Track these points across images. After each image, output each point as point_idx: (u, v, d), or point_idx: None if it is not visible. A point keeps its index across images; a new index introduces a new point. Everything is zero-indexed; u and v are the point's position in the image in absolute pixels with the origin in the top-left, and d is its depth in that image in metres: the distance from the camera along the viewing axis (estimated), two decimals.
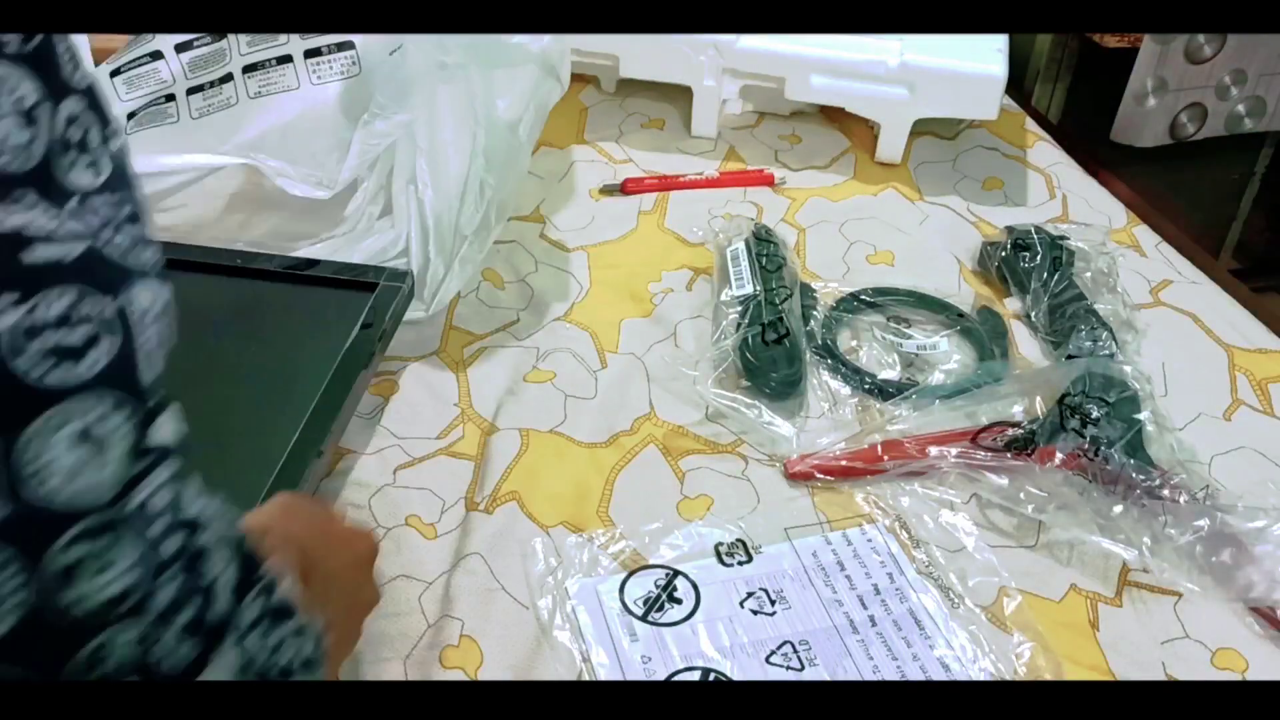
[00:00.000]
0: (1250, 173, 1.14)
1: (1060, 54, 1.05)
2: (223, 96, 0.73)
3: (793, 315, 0.70)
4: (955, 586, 0.57)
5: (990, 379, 0.67)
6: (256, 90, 0.73)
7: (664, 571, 0.57)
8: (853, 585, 0.57)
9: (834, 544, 0.59)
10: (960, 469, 0.62)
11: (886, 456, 0.62)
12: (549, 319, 0.74)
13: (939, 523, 0.60)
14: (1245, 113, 1.04)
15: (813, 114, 0.97)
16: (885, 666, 0.53)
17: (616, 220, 0.84)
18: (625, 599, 0.56)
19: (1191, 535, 0.57)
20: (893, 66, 0.85)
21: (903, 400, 0.66)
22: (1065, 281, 0.74)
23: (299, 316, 0.67)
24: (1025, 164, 0.92)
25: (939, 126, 0.95)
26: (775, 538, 0.59)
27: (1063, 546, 0.59)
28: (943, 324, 0.74)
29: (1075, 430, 0.62)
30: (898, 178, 0.90)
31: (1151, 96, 0.99)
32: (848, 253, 0.82)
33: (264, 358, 0.64)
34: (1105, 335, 0.70)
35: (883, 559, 0.58)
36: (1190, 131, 1.03)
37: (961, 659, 0.54)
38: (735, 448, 0.65)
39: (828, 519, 0.61)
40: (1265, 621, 0.56)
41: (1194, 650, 0.55)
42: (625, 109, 0.97)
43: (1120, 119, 1.01)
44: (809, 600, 0.56)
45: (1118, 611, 0.57)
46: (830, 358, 0.70)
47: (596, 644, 0.54)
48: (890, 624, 0.55)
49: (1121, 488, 0.60)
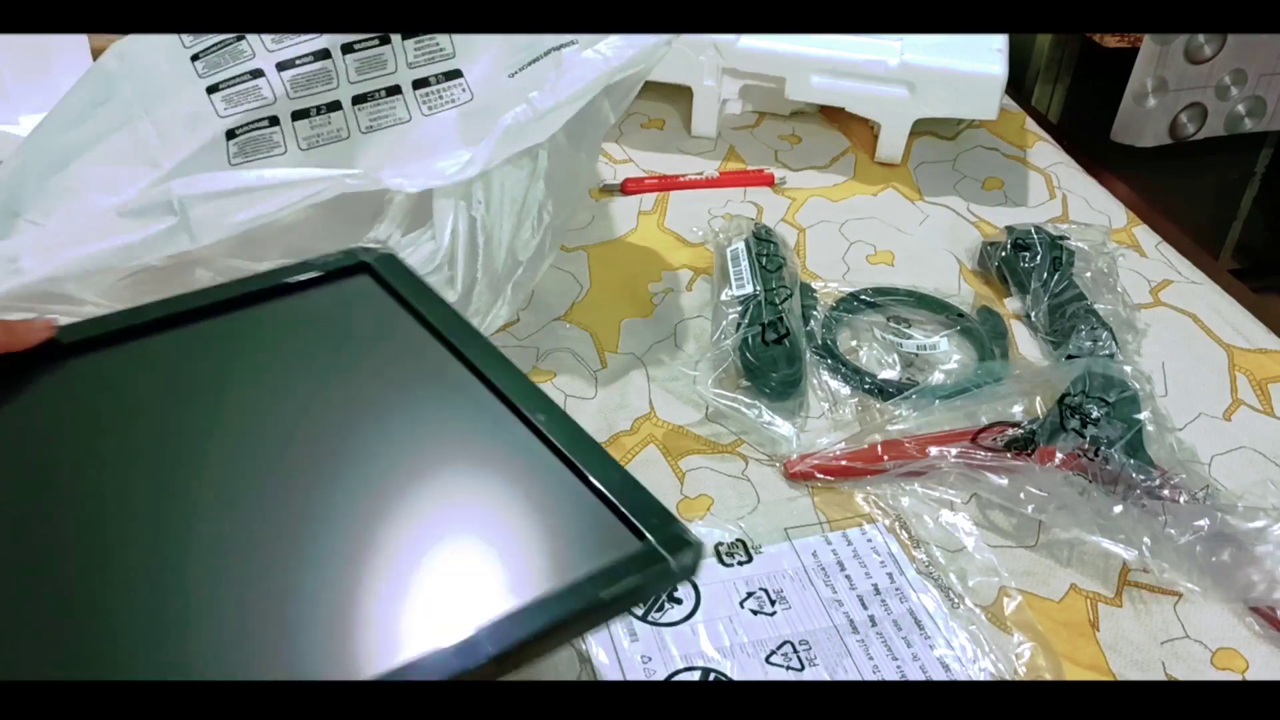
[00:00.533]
0: (1250, 173, 1.14)
1: (1060, 54, 1.05)
2: (332, 127, 0.69)
3: (793, 315, 0.70)
4: (955, 586, 0.57)
5: (990, 379, 0.67)
6: (368, 125, 0.69)
7: None
8: (853, 585, 0.57)
9: (834, 544, 0.59)
10: (960, 469, 0.62)
11: (886, 456, 0.63)
12: (549, 319, 0.74)
13: (939, 523, 0.61)
14: (1245, 113, 1.04)
15: (813, 114, 0.97)
16: (885, 666, 0.53)
17: (616, 220, 0.84)
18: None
19: (1191, 535, 0.57)
20: (893, 66, 0.85)
21: (903, 400, 0.66)
22: (1065, 281, 0.74)
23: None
24: (1025, 164, 0.92)
25: (939, 126, 0.95)
26: (775, 538, 0.59)
27: (1063, 546, 0.59)
28: (943, 324, 0.74)
29: (1075, 430, 0.62)
30: (898, 178, 0.90)
31: (1151, 96, 0.99)
32: (848, 253, 0.82)
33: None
34: (1105, 335, 0.70)
35: (883, 559, 0.58)
36: (1190, 131, 1.03)
37: (961, 659, 0.54)
38: (735, 448, 0.65)
39: (828, 519, 0.61)
40: (1265, 621, 0.56)
41: (1194, 650, 0.55)
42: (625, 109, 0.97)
43: (1120, 119, 1.01)
44: (809, 600, 0.56)
45: (1118, 611, 0.57)
46: (830, 358, 0.70)
47: (597, 645, 0.54)
48: (890, 624, 0.55)
49: (1121, 488, 0.60)
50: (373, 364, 0.51)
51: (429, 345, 0.51)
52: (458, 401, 0.49)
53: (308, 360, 0.52)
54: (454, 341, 0.51)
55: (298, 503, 0.44)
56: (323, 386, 0.50)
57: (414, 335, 0.52)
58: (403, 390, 0.50)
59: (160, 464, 0.45)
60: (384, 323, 0.53)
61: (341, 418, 0.48)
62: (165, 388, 0.49)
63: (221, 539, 0.42)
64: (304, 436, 0.47)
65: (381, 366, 0.51)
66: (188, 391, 0.49)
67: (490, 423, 0.48)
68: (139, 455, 0.45)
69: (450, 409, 0.49)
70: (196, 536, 0.42)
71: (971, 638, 0.54)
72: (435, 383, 0.50)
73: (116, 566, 0.41)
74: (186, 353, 0.51)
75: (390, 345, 0.52)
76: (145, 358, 0.50)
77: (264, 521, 0.43)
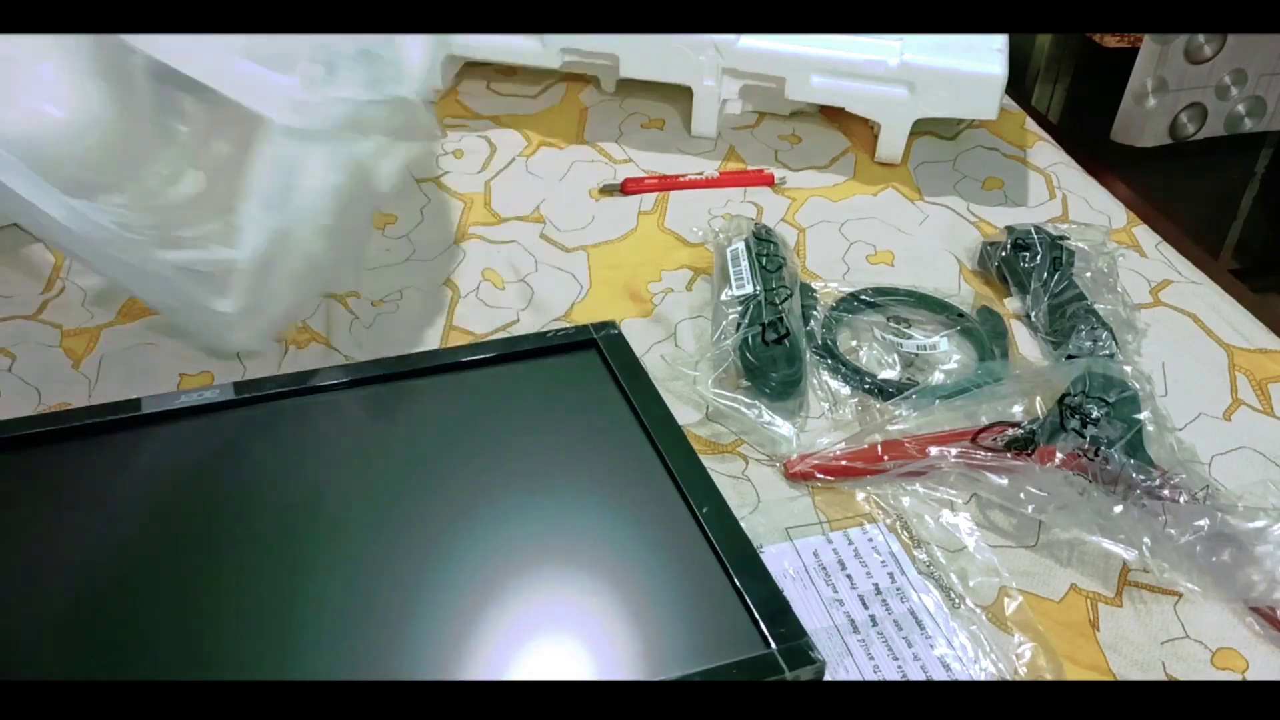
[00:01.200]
0: (1250, 173, 1.14)
1: (1060, 54, 1.05)
2: None
3: (793, 315, 0.70)
4: (956, 586, 0.57)
5: (990, 379, 0.67)
6: None
7: None
8: (854, 585, 0.57)
9: (835, 543, 0.59)
10: (960, 469, 0.62)
11: (886, 456, 0.63)
12: (549, 319, 0.74)
13: (939, 523, 0.61)
14: (1245, 113, 1.04)
15: (813, 114, 0.97)
16: (886, 666, 0.53)
17: (616, 220, 0.84)
18: None
19: (1191, 535, 0.57)
20: (893, 66, 0.85)
21: (903, 400, 0.66)
22: (1065, 281, 0.74)
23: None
24: (1025, 164, 0.93)
25: (939, 126, 0.95)
26: (776, 537, 0.60)
27: (1063, 546, 0.59)
28: (943, 324, 0.74)
29: (1075, 430, 0.62)
30: (898, 178, 0.90)
31: (1151, 96, 0.99)
32: (848, 253, 0.82)
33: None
34: (1105, 335, 0.70)
35: (884, 558, 0.58)
36: (1190, 131, 1.03)
37: (962, 659, 0.54)
38: (735, 448, 0.65)
39: (828, 519, 0.61)
40: (1265, 621, 0.56)
41: (1194, 650, 0.55)
42: (625, 109, 0.97)
43: (1120, 119, 1.01)
44: (810, 599, 0.56)
45: (1118, 611, 0.57)
46: (830, 358, 0.70)
47: None
48: (891, 624, 0.55)
49: (1121, 488, 0.60)
50: (573, 431, 0.58)
51: (628, 424, 0.58)
52: (638, 481, 0.55)
53: (519, 420, 0.59)
54: (649, 424, 0.58)
55: (464, 546, 0.51)
56: (523, 445, 0.57)
57: (617, 411, 0.59)
58: (591, 458, 0.57)
59: (369, 498, 0.53)
60: (594, 396, 0.60)
61: (531, 474, 0.55)
62: (404, 430, 0.58)
63: (394, 575, 0.49)
64: (495, 485, 0.54)
65: (580, 434, 0.58)
66: (414, 437, 0.58)
67: (660, 506, 0.54)
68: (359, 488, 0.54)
69: (629, 486, 0.55)
70: (381, 565, 0.50)
71: (972, 638, 0.54)
72: (623, 459, 0.57)
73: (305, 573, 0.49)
74: (423, 400, 0.60)
75: (594, 418, 0.59)
76: (385, 400, 0.60)
77: (431, 559, 0.50)
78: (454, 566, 0.50)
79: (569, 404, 0.60)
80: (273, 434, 0.57)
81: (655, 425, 0.57)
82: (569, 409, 0.60)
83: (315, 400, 0.59)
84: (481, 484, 0.54)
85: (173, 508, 0.52)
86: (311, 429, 0.57)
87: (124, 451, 0.55)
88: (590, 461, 0.56)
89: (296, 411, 0.58)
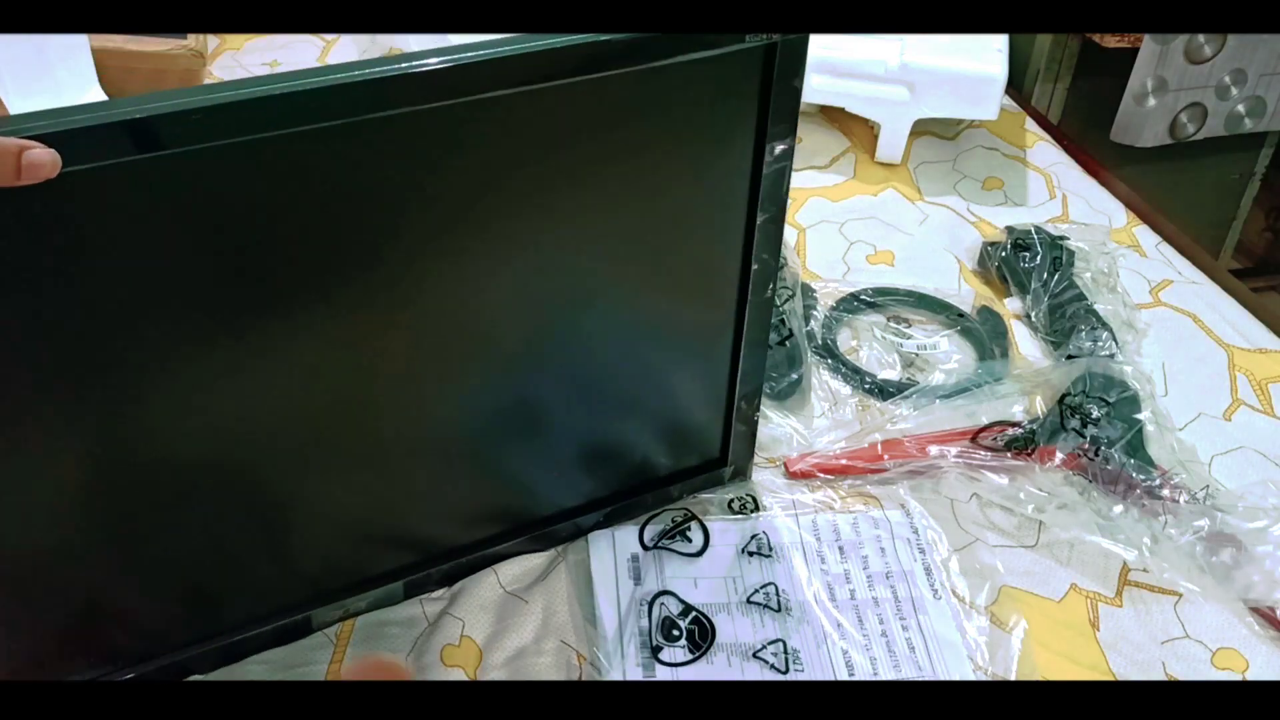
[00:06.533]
0: (1250, 173, 1.14)
1: (1060, 54, 1.05)
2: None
3: (793, 315, 0.70)
4: (955, 586, 0.57)
5: (990, 379, 0.67)
6: None
7: (682, 512, 0.61)
8: (843, 557, 0.57)
9: (838, 523, 0.59)
10: (960, 469, 0.62)
11: (887, 456, 0.63)
12: None
13: (939, 522, 0.61)
14: (1245, 113, 1.04)
15: (813, 114, 0.97)
16: (884, 665, 0.53)
17: None
18: (644, 536, 0.59)
19: (1191, 535, 0.57)
20: (893, 66, 0.86)
21: (903, 400, 0.66)
22: (1065, 281, 0.74)
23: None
24: (1025, 164, 0.92)
25: (939, 126, 0.95)
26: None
27: (1063, 546, 0.59)
28: (943, 324, 0.74)
29: (1075, 430, 0.62)
30: (898, 178, 0.90)
31: (1151, 96, 0.99)
32: (848, 253, 0.82)
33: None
34: (1105, 335, 0.70)
35: (884, 546, 0.59)
36: (1190, 131, 1.03)
37: (960, 657, 0.54)
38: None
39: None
40: (1265, 621, 0.56)
41: (1194, 650, 0.55)
42: None
43: (1120, 119, 1.01)
44: (797, 561, 0.57)
45: (1118, 611, 0.57)
46: (830, 358, 0.70)
47: (594, 554, 0.58)
48: (890, 606, 0.55)
49: (1121, 488, 0.60)
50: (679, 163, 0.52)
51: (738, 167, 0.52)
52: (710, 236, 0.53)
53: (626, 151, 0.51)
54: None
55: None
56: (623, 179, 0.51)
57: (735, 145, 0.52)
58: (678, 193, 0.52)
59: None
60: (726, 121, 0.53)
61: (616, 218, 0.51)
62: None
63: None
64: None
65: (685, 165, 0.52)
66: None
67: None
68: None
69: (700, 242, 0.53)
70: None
71: (971, 637, 0.54)
72: (714, 205, 0.53)
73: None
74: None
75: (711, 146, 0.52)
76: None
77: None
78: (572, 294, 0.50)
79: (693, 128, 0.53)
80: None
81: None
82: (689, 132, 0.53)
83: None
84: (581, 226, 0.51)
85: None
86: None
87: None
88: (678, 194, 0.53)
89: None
